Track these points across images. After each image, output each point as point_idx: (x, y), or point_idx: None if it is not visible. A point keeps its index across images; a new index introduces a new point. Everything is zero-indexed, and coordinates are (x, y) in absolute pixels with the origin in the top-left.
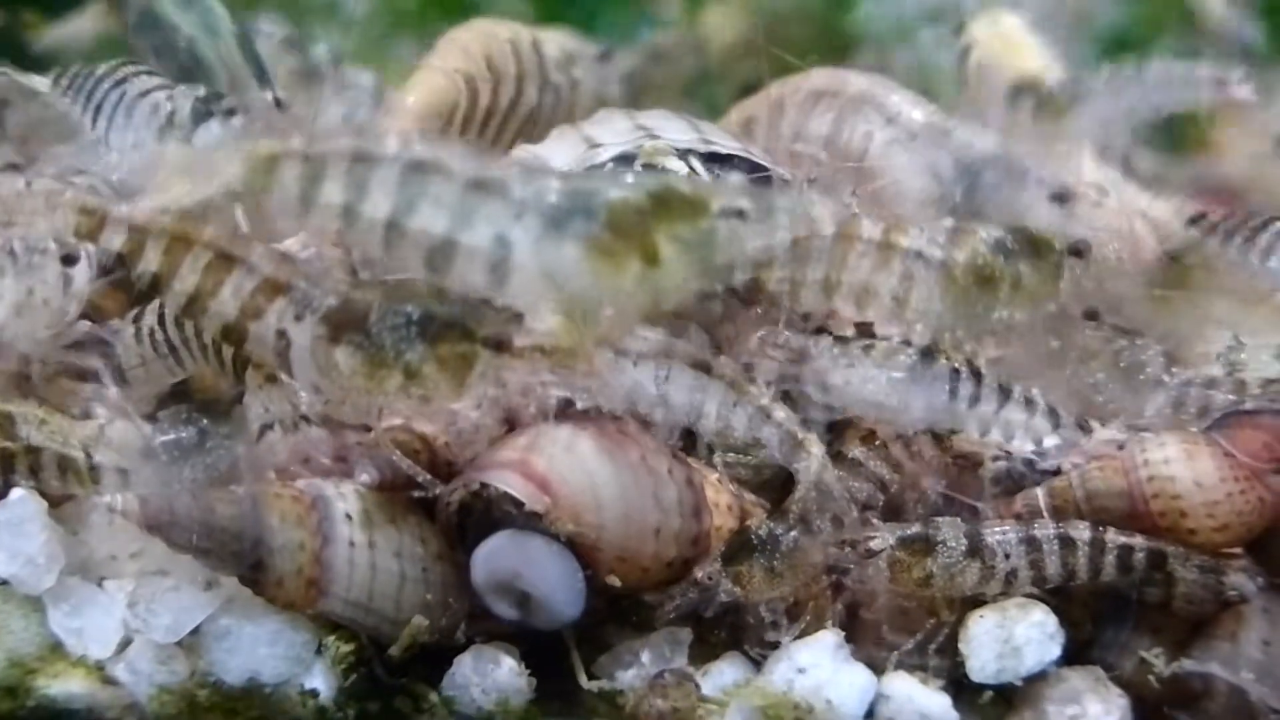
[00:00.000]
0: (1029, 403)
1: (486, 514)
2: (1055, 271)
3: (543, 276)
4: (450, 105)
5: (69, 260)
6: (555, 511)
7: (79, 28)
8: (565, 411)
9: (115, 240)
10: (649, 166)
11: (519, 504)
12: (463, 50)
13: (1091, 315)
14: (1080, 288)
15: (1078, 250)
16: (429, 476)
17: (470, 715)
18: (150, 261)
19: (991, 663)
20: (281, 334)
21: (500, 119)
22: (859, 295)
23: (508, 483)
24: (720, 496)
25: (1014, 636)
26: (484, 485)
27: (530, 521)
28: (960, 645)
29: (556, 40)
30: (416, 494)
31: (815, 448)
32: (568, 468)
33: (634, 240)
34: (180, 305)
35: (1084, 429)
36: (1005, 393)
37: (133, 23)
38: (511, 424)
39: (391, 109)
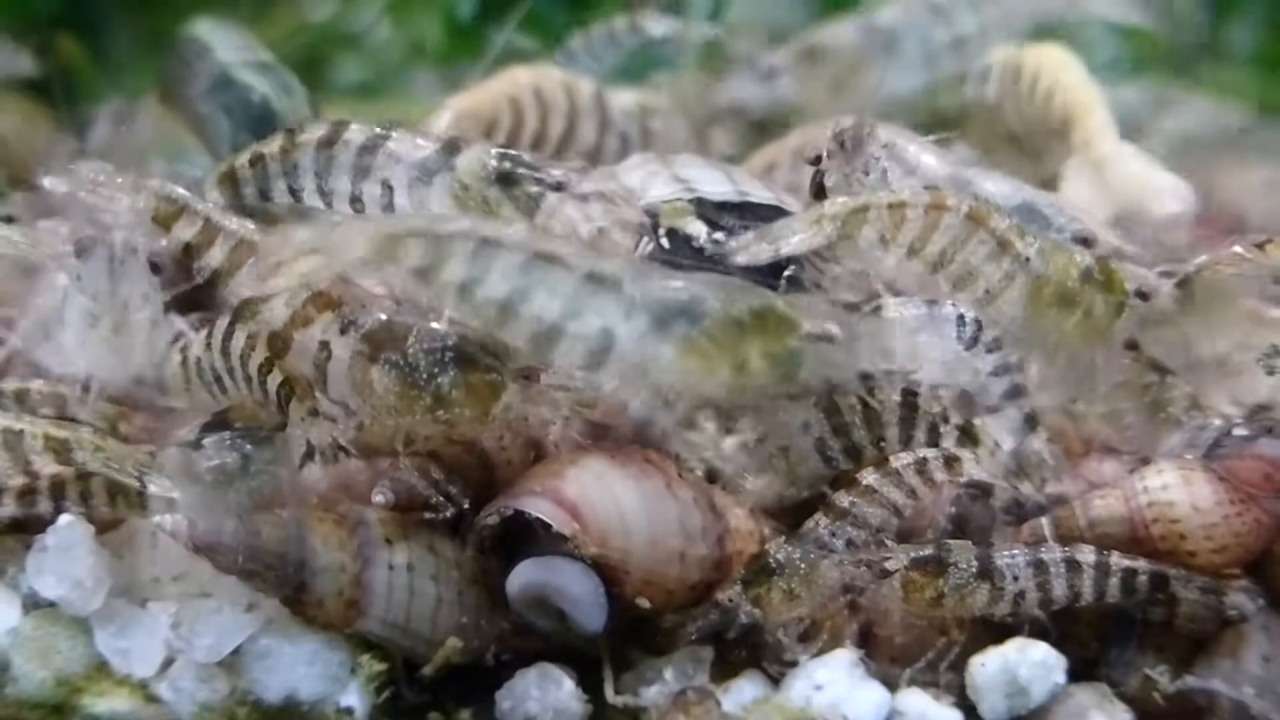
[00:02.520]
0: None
1: (518, 538)
2: (1119, 310)
3: (638, 368)
4: (489, 117)
5: (155, 269)
6: (582, 536)
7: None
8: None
9: (188, 231)
10: (671, 231)
11: (549, 528)
12: (511, 79)
13: (1131, 345)
14: (1135, 327)
15: (1143, 294)
16: (443, 499)
17: None
18: (214, 258)
19: (1001, 703)
20: (324, 345)
21: (552, 149)
22: (961, 277)
23: (540, 509)
24: (743, 523)
25: (1018, 678)
26: (517, 511)
27: (558, 546)
28: (968, 693)
29: (633, 96)
30: (429, 515)
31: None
32: (597, 495)
33: (728, 349)
34: (232, 304)
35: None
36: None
37: (204, 88)
38: (538, 453)
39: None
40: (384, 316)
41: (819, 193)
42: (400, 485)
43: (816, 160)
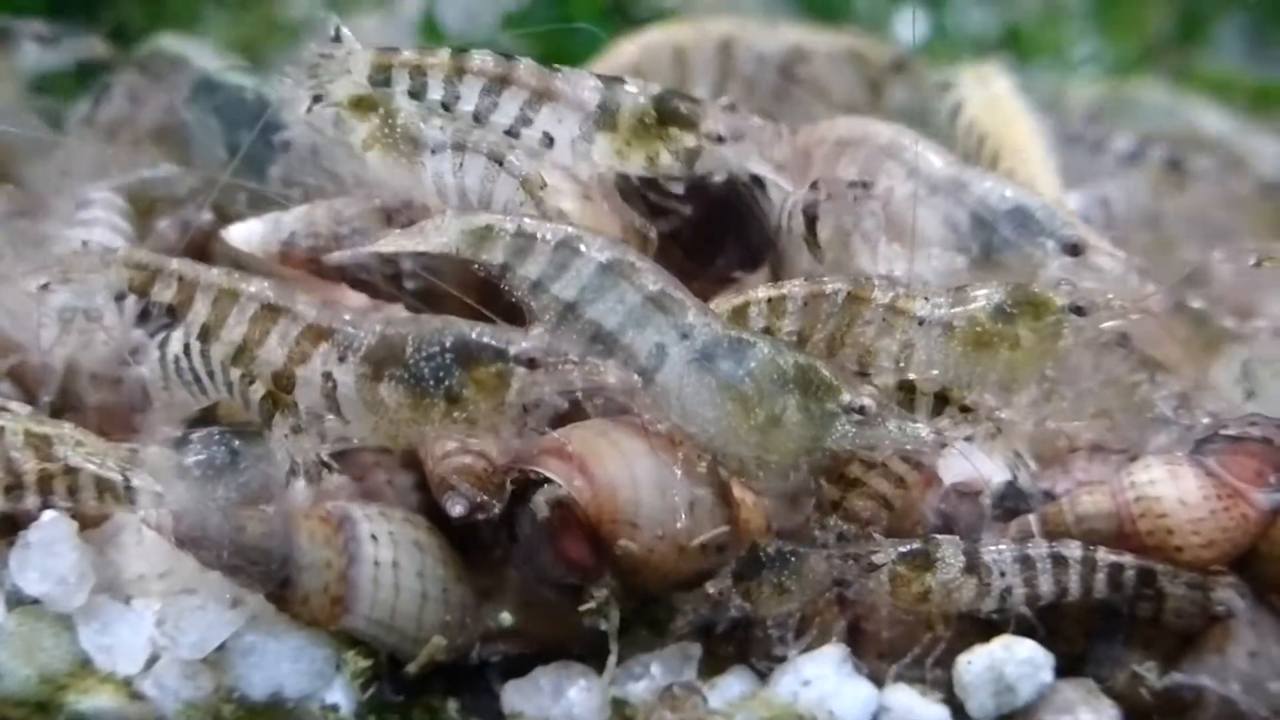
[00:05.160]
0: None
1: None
2: (1055, 331)
3: (677, 396)
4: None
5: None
6: (573, 482)
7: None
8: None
9: (166, 293)
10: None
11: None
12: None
13: (1122, 342)
14: (1086, 342)
15: (1079, 309)
16: (488, 499)
17: None
18: (200, 313)
19: (989, 701)
20: (327, 376)
21: None
22: (861, 356)
23: (547, 467)
24: (752, 510)
25: (1005, 675)
26: (523, 472)
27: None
28: (956, 691)
29: (792, 37)
30: (482, 516)
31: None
32: (601, 447)
33: (768, 398)
34: (229, 354)
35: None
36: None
37: (184, 96)
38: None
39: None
40: (377, 331)
41: (810, 229)
42: (468, 491)
43: (815, 191)
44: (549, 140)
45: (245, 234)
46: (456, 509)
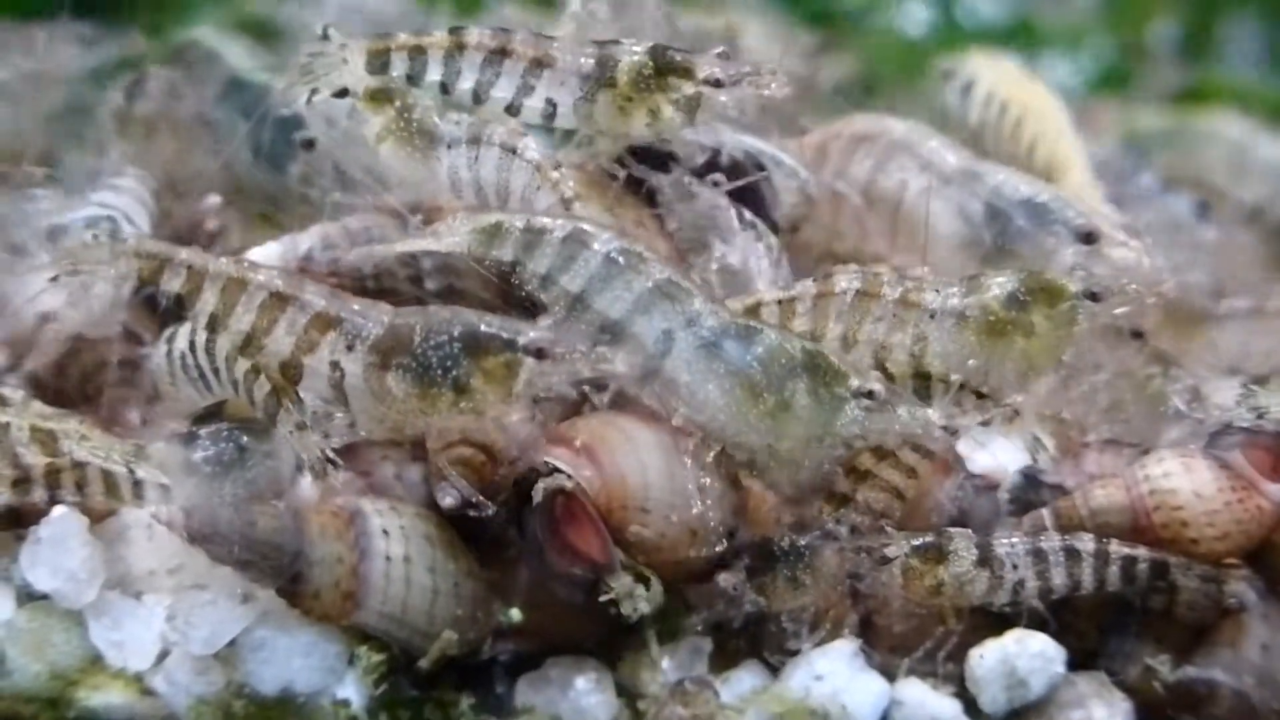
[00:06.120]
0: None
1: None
2: (1070, 317)
3: (685, 385)
4: None
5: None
6: (583, 471)
7: None
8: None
9: (175, 282)
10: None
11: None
12: None
13: (1137, 334)
14: (1102, 328)
15: (1094, 295)
16: (483, 499)
17: None
18: (208, 302)
19: (1001, 695)
20: (335, 365)
21: None
22: (876, 352)
23: (557, 456)
24: (761, 500)
25: (1017, 670)
26: (532, 467)
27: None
28: (968, 684)
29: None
30: (474, 514)
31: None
32: (609, 435)
33: (776, 390)
34: (237, 344)
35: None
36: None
37: (215, 94)
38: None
39: None
40: (385, 320)
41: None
42: (459, 484)
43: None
44: (552, 106)
45: (262, 256)
46: (446, 500)
